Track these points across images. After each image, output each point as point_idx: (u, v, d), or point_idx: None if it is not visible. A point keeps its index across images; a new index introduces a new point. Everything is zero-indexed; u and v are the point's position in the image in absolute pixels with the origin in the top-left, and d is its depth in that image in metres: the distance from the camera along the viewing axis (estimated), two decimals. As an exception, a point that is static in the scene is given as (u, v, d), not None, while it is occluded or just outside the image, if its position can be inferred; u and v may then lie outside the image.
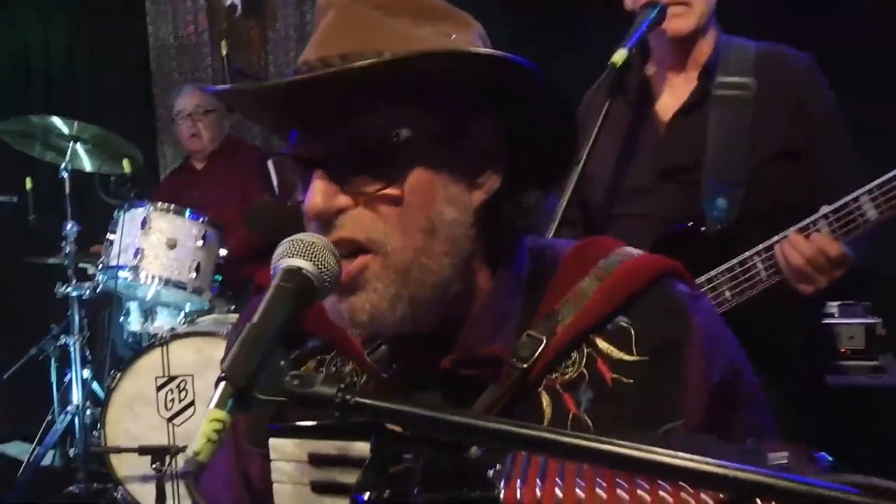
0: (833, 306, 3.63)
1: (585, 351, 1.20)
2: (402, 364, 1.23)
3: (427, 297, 1.16)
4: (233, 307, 4.49)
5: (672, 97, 2.54)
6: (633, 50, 2.32)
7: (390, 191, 1.13)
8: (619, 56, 2.31)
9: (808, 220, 2.23)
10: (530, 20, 5.13)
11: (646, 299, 1.21)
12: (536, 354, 1.18)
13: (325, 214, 1.13)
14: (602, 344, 1.20)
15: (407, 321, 1.16)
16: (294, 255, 1.05)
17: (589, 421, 1.18)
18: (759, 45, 2.51)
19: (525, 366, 1.18)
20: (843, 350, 3.55)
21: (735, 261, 2.29)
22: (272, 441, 1.14)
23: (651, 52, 2.58)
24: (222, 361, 0.90)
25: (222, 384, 0.88)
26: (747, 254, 2.28)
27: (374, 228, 1.13)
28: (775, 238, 2.26)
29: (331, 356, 1.31)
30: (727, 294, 2.27)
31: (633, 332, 1.20)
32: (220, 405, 0.86)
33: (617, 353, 1.19)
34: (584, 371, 1.19)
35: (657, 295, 1.22)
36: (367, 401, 0.88)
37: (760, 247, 2.27)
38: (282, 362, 0.93)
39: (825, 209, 2.22)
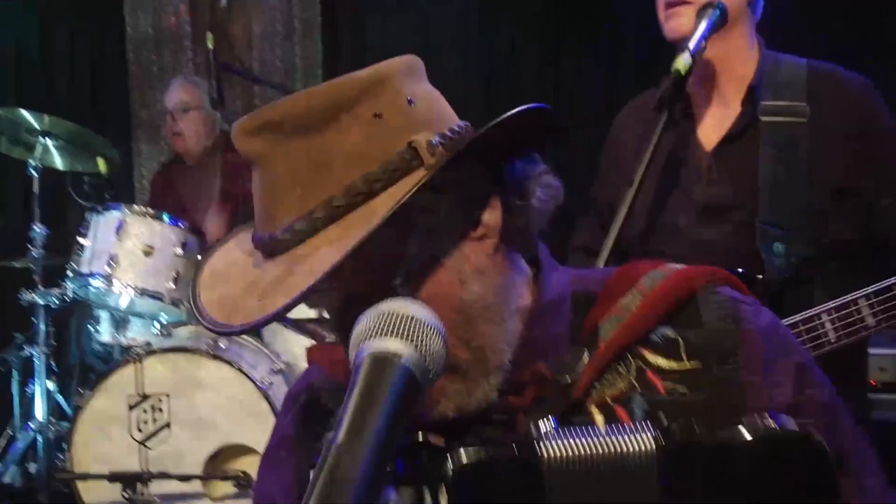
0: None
1: (634, 364, 1.12)
2: None
3: (503, 358, 1.08)
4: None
5: (714, 122, 2.26)
6: (698, 56, 2.06)
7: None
8: (683, 63, 2.05)
9: None
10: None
11: (692, 308, 1.14)
12: (580, 367, 1.10)
13: None
14: (650, 355, 1.12)
15: (494, 387, 1.08)
16: (388, 333, 0.84)
17: None
18: (810, 63, 2.23)
19: (569, 380, 1.08)
20: (872, 382, 3.28)
21: (798, 317, 2.02)
22: None
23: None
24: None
25: None
26: (815, 310, 2.01)
27: None
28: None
29: None
30: None
31: (681, 340, 1.12)
32: None
33: (667, 363, 1.11)
34: (635, 383, 1.11)
35: (704, 301, 1.14)
36: None
37: (832, 304, 2.01)
38: None
39: None
